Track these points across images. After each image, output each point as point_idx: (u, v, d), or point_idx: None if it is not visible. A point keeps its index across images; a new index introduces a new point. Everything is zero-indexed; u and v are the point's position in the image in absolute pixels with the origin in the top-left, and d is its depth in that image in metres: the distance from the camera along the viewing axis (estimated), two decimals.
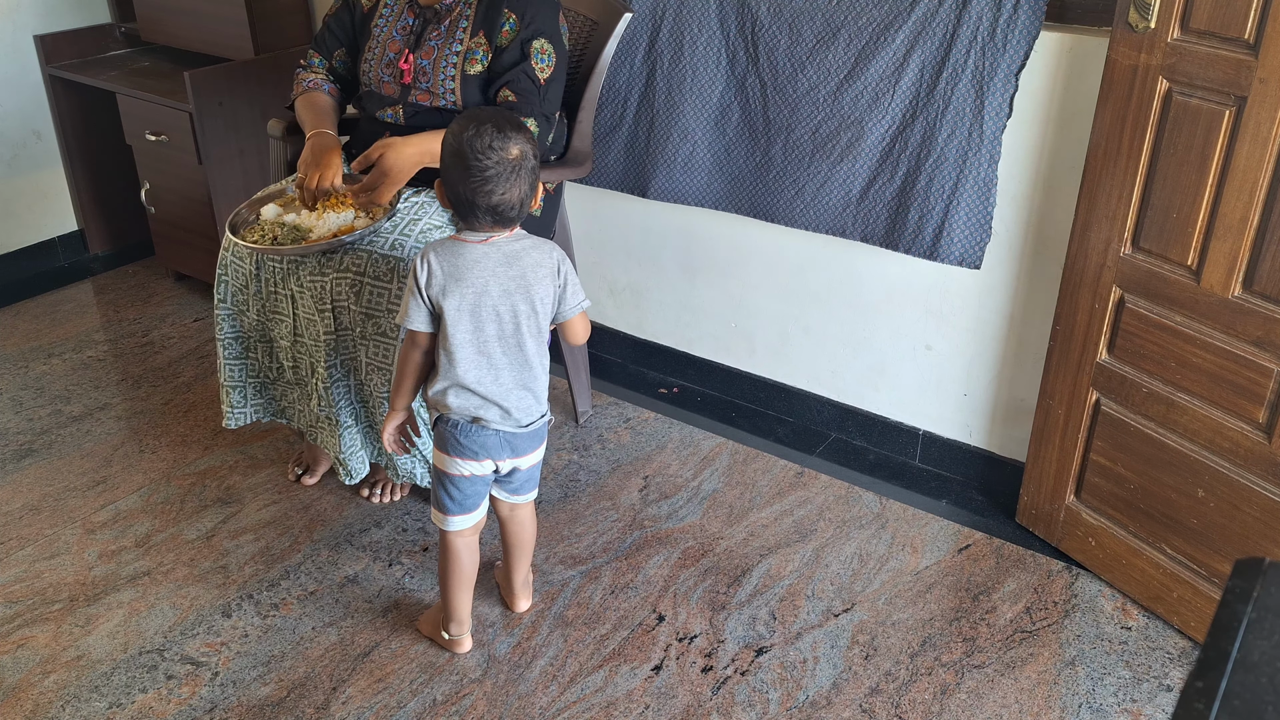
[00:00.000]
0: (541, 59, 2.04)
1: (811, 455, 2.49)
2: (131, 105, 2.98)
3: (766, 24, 2.24)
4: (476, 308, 1.64)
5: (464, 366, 1.66)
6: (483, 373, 1.67)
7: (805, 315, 2.49)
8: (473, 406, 1.69)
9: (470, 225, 1.66)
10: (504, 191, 1.60)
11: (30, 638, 1.94)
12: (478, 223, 1.64)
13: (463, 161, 1.58)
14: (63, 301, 3.22)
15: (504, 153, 1.58)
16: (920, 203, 2.16)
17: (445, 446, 1.74)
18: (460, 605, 1.86)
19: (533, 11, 2.03)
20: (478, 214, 1.62)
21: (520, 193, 1.62)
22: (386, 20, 2.14)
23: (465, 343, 1.65)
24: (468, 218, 1.64)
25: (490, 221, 1.63)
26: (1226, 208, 1.68)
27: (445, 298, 1.63)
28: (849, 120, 2.20)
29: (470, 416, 1.70)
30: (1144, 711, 1.79)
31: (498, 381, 1.68)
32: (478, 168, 1.57)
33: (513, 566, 1.95)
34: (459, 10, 2.07)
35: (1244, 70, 1.61)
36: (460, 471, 1.74)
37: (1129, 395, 1.92)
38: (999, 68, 1.99)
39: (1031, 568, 2.11)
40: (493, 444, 1.73)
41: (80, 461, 2.44)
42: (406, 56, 2.08)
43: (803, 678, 1.85)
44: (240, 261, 2.10)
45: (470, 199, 1.60)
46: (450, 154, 1.62)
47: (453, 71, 2.04)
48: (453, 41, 2.05)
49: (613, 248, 2.76)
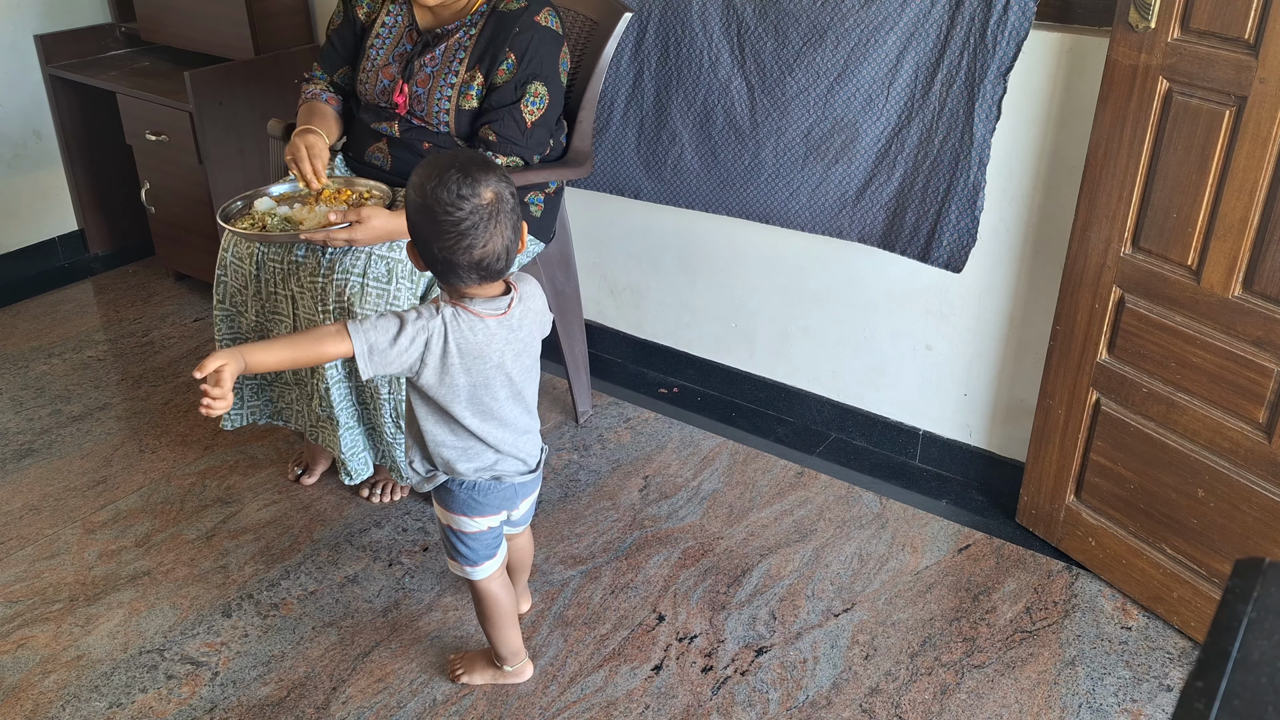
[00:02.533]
0: (533, 102, 2.02)
1: (811, 455, 2.49)
2: (131, 105, 2.98)
3: (752, 26, 2.24)
4: (489, 381, 1.51)
5: (482, 431, 1.55)
6: (502, 433, 1.58)
7: (805, 315, 2.49)
8: (489, 464, 1.60)
9: (454, 287, 1.48)
10: (485, 243, 1.40)
11: (30, 638, 1.94)
12: (461, 283, 1.46)
13: (431, 217, 1.39)
14: (63, 301, 3.22)
15: (476, 199, 1.38)
16: (917, 204, 2.16)
17: (462, 508, 1.63)
18: (513, 639, 1.79)
19: (533, 52, 2.01)
20: (460, 273, 1.43)
21: (504, 240, 1.42)
22: (383, 41, 2.13)
23: (482, 411, 1.54)
24: (449, 279, 1.45)
25: (476, 279, 1.45)
26: (1226, 208, 1.68)
27: (463, 374, 1.48)
28: (843, 122, 2.20)
29: (490, 475, 1.61)
30: (1144, 711, 1.79)
31: (511, 437, 1.59)
32: (450, 222, 1.38)
33: (513, 579, 1.89)
34: (458, 39, 2.05)
35: (1244, 70, 1.61)
36: (479, 528, 1.66)
37: (1129, 395, 1.92)
38: (989, 70, 1.99)
39: (1031, 568, 2.11)
40: (509, 494, 1.65)
41: (80, 461, 2.44)
42: (401, 88, 2.07)
43: (803, 678, 1.85)
44: (240, 262, 2.10)
45: (449, 258, 1.41)
46: (416, 211, 1.41)
47: (447, 105, 2.04)
48: (449, 72, 2.04)
49: (613, 248, 2.76)
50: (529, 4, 2.03)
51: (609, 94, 2.49)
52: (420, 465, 1.62)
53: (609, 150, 2.54)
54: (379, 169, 2.14)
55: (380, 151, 2.13)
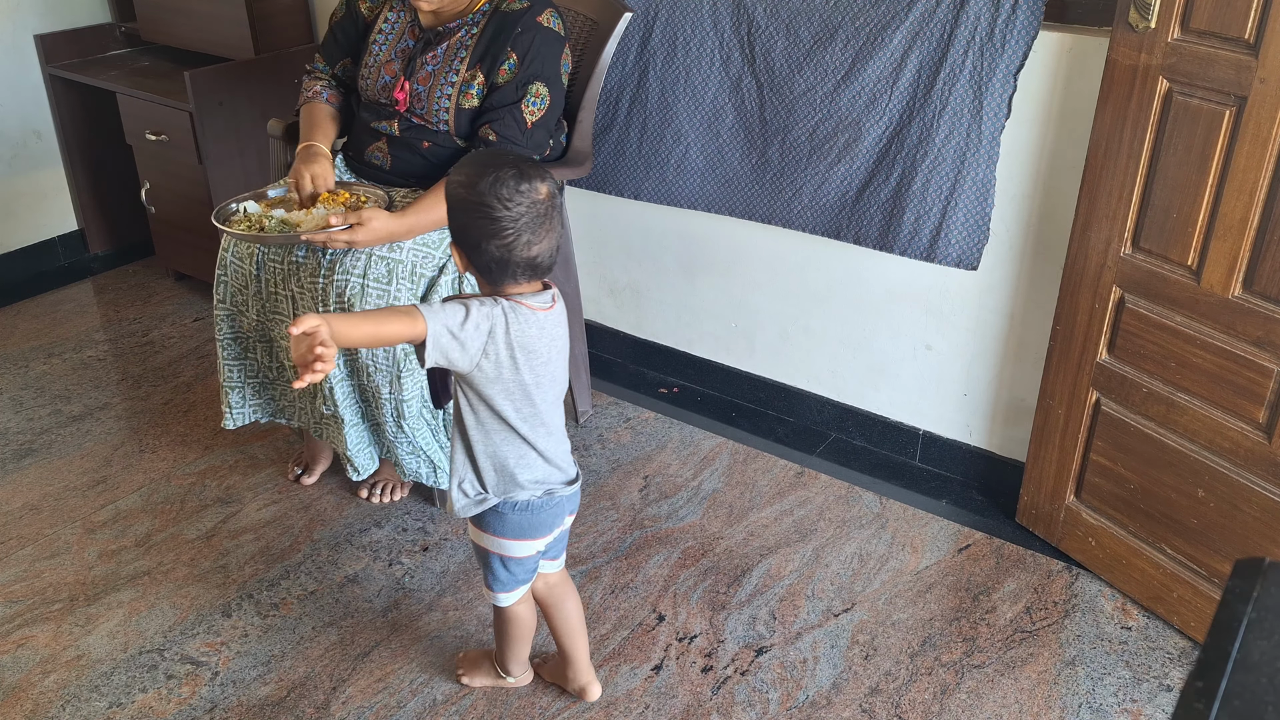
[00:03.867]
0: (534, 102, 2.02)
1: (811, 455, 2.49)
2: (131, 105, 2.98)
3: (763, 24, 2.24)
4: (539, 380, 1.47)
5: (532, 436, 1.50)
6: (548, 441, 1.53)
7: (805, 315, 2.49)
8: (543, 476, 1.54)
9: (499, 286, 1.43)
10: (541, 239, 1.39)
11: (30, 637, 1.94)
12: (513, 281, 1.42)
13: (486, 214, 1.36)
14: (63, 301, 3.22)
15: (534, 194, 1.38)
16: (917, 204, 2.16)
17: (515, 532, 1.56)
18: (524, 654, 1.77)
19: (535, 52, 2.00)
20: (513, 271, 1.41)
21: (557, 237, 1.42)
22: (386, 37, 2.13)
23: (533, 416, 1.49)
24: (500, 278, 1.42)
25: (527, 277, 1.43)
26: (1226, 208, 1.68)
27: (525, 369, 1.44)
28: (846, 121, 2.20)
29: (543, 489, 1.55)
30: (1144, 711, 1.79)
31: (554, 444, 1.54)
32: (508, 219, 1.36)
33: (572, 649, 1.76)
34: (459, 38, 2.05)
35: (1244, 70, 1.61)
36: (528, 552, 1.59)
37: (1129, 395, 1.92)
38: (997, 68, 1.99)
39: (1031, 568, 2.11)
40: (557, 511, 1.59)
41: (80, 461, 2.44)
42: (402, 84, 2.07)
43: (803, 678, 1.85)
44: (240, 262, 2.11)
45: (504, 256, 1.38)
46: (466, 210, 1.39)
47: (447, 104, 2.04)
48: (449, 71, 2.03)
49: (613, 248, 2.76)
50: (531, 4, 2.03)
51: (611, 94, 2.49)
52: (471, 487, 1.54)
53: (610, 150, 2.54)
54: (378, 168, 2.14)
55: (379, 151, 2.13)
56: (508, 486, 1.53)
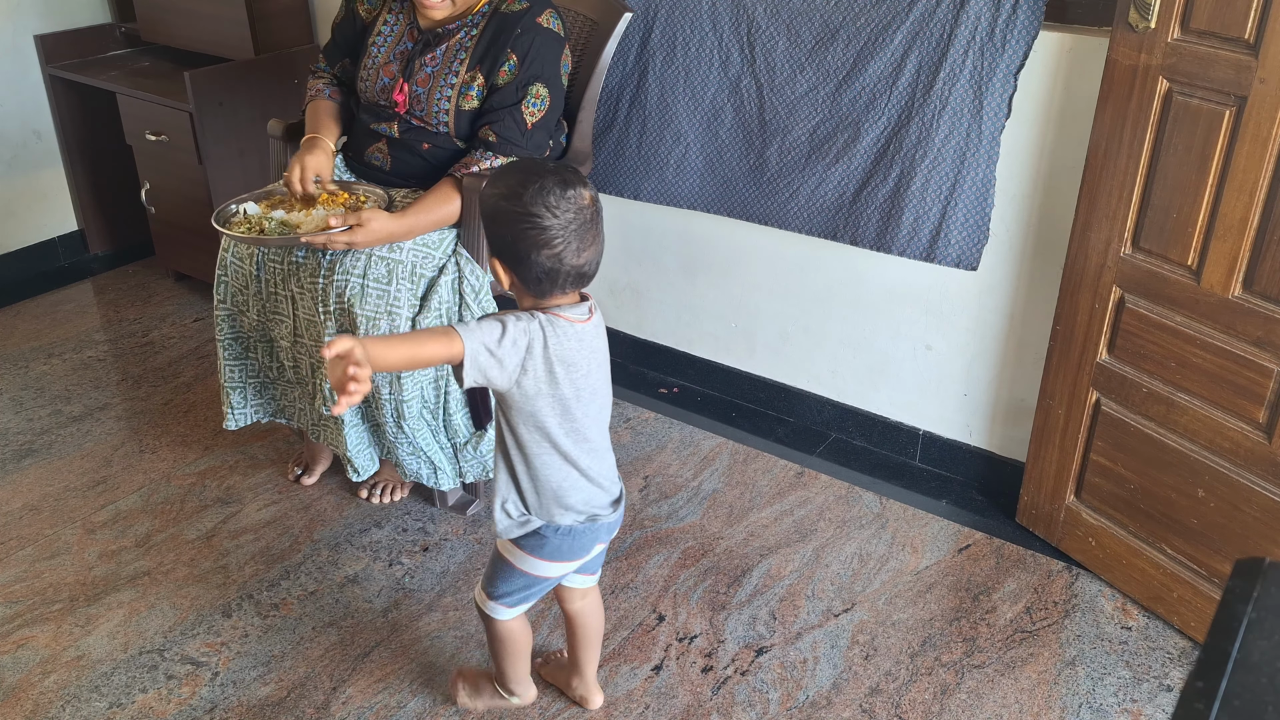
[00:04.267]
0: (534, 103, 2.01)
1: (811, 455, 2.49)
2: (131, 105, 2.98)
3: (764, 25, 2.24)
4: (580, 394, 1.42)
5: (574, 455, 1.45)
6: (591, 459, 1.48)
7: (805, 315, 2.49)
8: (586, 499, 1.49)
9: (545, 299, 1.39)
10: (589, 245, 1.36)
11: (30, 638, 1.94)
12: (559, 291, 1.38)
13: (534, 224, 1.32)
14: (63, 301, 3.22)
15: (580, 200, 1.35)
16: (916, 204, 2.16)
17: (552, 554, 1.51)
18: (524, 669, 1.71)
19: (535, 53, 2.00)
20: (560, 281, 1.36)
21: (601, 243, 1.39)
22: (384, 39, 2.13)
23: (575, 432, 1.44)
24: (549, 289, 1.38)
25: (573, 286, 1.39)
26: (1226, 208, 1.68)
27: (566, 384, 1.40)
28: (846, 121, 2.20)
29: (588, 515, 1.50)
30: (1144, 711, 1.79)
31: (598, 464, 1.49)
32: (557, 226, 1.32)
33: (584, 661, 1.73)
34: (459, 39, 2.04)
35: (1244, 70, 1.61)
36: (554, 574, 1.55)
37: (1129, 395, 1.92)
38: (998, 68, 1.99)
39: (1031, 568, 2.11)
40: (596, 535, 1.54)
41: (80, 461, 2.45)
42: (401, 86, 2.07)
43: (803, 678, 1.85)
44: (240, 262, 2.11)
45: (554, 266, 1.34)
46: (509, 222, 1.34)
47: (447, 105, 2.03)
48: (449, 73, 2.03)
49: (613, 248, 2.75)
50: (531, 5, 2.02)
51: (611, 94, 2.49)
52: (514, 508, 1.50)
53: (610, 150, 2.54)
54: (379, 169, 2.14)
55: (379, 152, 2.13)
56: (550, 509, 1.49)
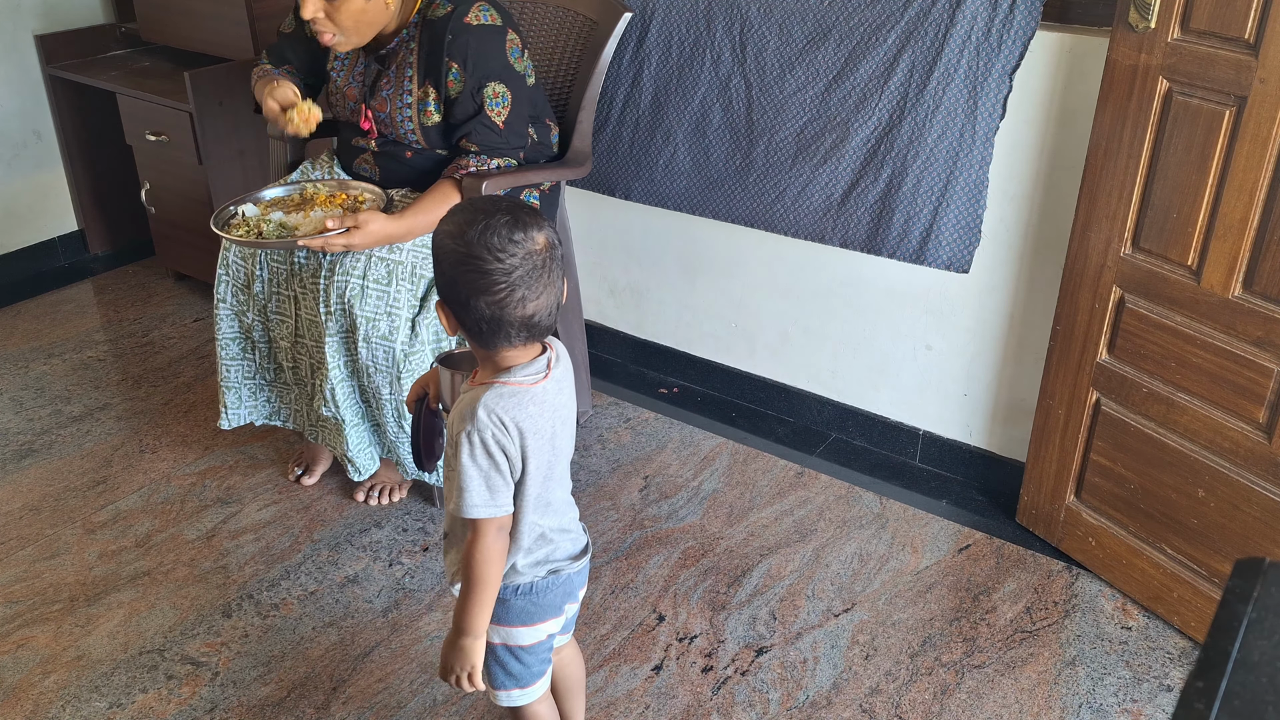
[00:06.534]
0: (495, 103, 1.98)
1: (811, 455, 2.49)
2: (131, 105, 2.98)
3: (756, 24, 2.23)
4: (553, 457, 1.32)
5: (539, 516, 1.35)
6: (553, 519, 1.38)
7: (805, 315, 2.49)
8: (542, 558, 1.38)
9: (494, 351, 1.26)
10: (539, 295, 1.21)
11: (30, 638, 1.94)
12: (508, 344, 1.24)
13: (474, 267, 1.18)
14: (63, 301, 3.22)
15: (531, 244, 1.20)
16: (906, 206, 2.15)
17: (520, 618, 1.39)
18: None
19: (474, 56, 1.96)
20: (507, 332, 1.22)
21: (557, 293, 1.24)
22: (342, 64, 2.12)
23: (541, 505, 1.35)
24: (492, 340, 1.23)
25: (524, 339, 1.24)
26: (1226, 208, 1.68)
27: (529, 458, 1.27)
28: (834, 121, 2.19)
29: (546, 570, 1.39)
30: (1144, 711, 1.79)
31: (558, 520, 1.39)
32: (500, 271, 1.18)
33: (572, 712, 1.63)
34: (402, 56, 2.03)
35: (1244, 70, 1.61)
36: (539, 637, 1.42)
37: (1129, 395, 1.92)
38: (993, 68, 1.99)
39: (1031, 568, 2.11)
40: (568, 586, 1.42)
41: (80, 461, 2.44)
42: (365, 113, 2.07)
43: (803, 678, 1.85)
44: (241, 262, 2.11)
45: (496, 315, 1.20)
46: (455, 263, 1.20)
47: (410, 125, 2.03)
48: (403, 92, 2.02)
49: (613, 248, 2.76)
50: (455, 6, 1.97)
51: (607, 93, 2.49)
52: None
53: (604, 150, 2.54)
54: (369, 179, 2.15)
55: (366, 164, 2.14)
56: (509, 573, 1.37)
